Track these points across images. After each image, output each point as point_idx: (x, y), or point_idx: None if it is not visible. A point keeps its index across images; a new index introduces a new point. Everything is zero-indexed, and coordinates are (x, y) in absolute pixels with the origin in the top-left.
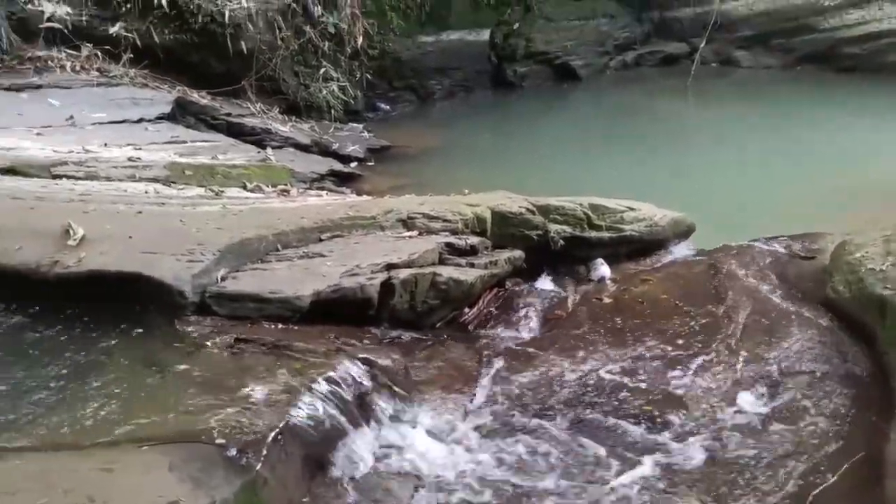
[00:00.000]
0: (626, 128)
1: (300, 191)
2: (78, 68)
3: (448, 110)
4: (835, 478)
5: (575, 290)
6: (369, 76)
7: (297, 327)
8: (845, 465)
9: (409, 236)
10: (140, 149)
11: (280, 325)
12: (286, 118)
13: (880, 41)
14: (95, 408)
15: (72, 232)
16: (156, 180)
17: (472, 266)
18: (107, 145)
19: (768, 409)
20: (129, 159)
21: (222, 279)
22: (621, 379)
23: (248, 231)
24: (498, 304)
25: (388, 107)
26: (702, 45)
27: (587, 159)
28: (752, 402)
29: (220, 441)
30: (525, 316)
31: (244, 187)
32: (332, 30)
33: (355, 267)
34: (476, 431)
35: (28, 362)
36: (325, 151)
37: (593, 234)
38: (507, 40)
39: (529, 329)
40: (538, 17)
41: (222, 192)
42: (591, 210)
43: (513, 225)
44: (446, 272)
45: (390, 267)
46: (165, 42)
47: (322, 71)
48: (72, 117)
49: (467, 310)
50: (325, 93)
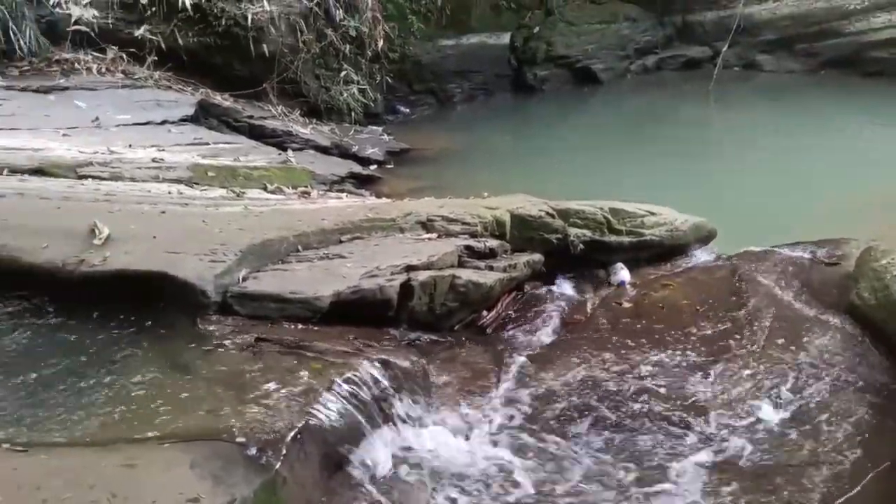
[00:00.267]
0: (646, 132)
1: (320, 193)
2: (104, 70)
3: (467, 114)
4: (859, 487)
5: (594, 295)
6: (389, 79)
7: (316, 328)
8: (870, 475)
9: (429, 239)
10: (164, 150)
11: (300, 326)
12: (307, 121)
13: None
14: (118, 405)
15: (97, 231)
16: (179, 181)
17: (490, 269)
18: (131, 146)
19: (791, 416)
20: (153, 160)
21: (244, 279)
22: (641, 384)
23: (270, 232)
24: (516, 308)
25: (407, 110)
26: (724, 48)
27: (607, 163)
28: (773, 409)
29: (240, 439)
30: (544, 319)
31: (265, 189)
32: (353, 33)
33: (375, 268)
34: (494, 434)
35: (52, 359)
36: (345, 154)
37: (613, 239)
38: (528, 44)
39: (548, 333)
40: (559, 20)
41: (244, 193)
42: (611, 214)
43: (532, 228)
44: (465, 275)
45: (409, 269)
46: (189, 45)
47: (343, 74)
48: (97, 119)
49: (485, 313)
50: (345, 95)
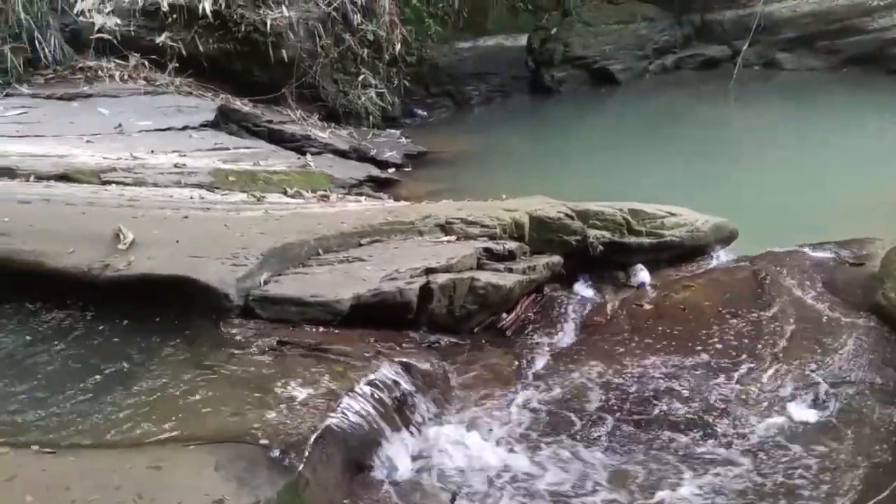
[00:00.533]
0: (666, 132)
1: (339, 196)
2: (126, 77)
3: (485, 116)
4: (887, 491)
5: (614, 296)
6: (407, 82)
7: (337, 331)
8: None
9: (448, 241)
10: (185, 155)
11: (321, 329)
12: (325, 125)
13: None
14: (144, 407)
15: (122, 236)
16: (200, 186)
17: (510, 271)
18: (153, 152)
19: (816, 418)
20: (175, 166)
21: (265, 283)
22: (663, 386)
23: (290, 236)
24: (536, 310)
25: (425, 113)
26: (744, 47)
27: (626, 164)
28: (799, 412)
29: (263, 442)
30: (563, 321)
31: (285, 193)
32: (370, 37)
33: (394, 271)
34: (514, 436)
35: (79, 362)
36: (364, 157)
37: (633, 240)
38: (545, 45)
39: (568, 335)
40: (576, 21)
41: (264, 197)
42: (630, 215)
43: (551, 230)
44: (485, 277)
45: (429, 271)
46: (209, 51)
47: (361, 78)
48: (120, 125)
49: (505, 315)
50: (363, 99)
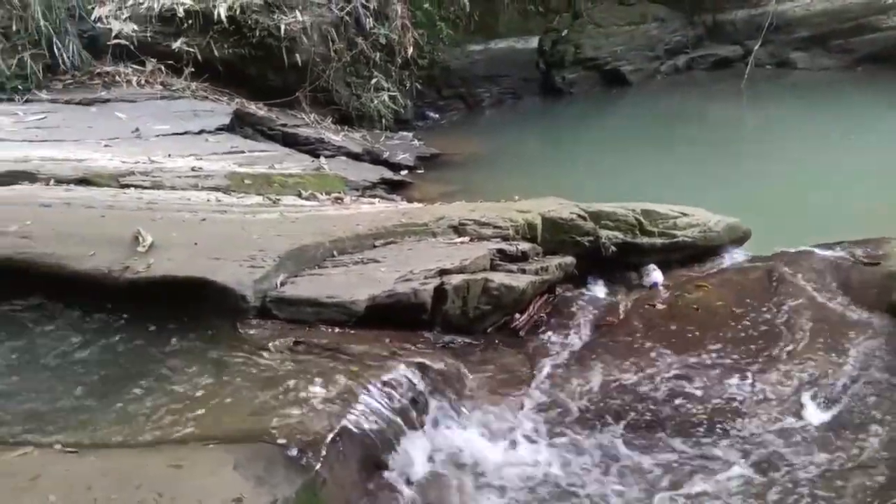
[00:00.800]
0: (678, 133)
1: (353, 198)
2: (143, 82)
3: (496, 118)
4: None
5: (627, 297)
6: (419, 85)
7: (352, 331)
8: None
9: (461, 242)
10: (201, 159)
11: (336, 329)
12: (338, 128)
13: None
14: (164, 407)
15: (141, 239)
16: (217, 189)
17: (523, 272)
18: (170, 156)
19: (831, 419)
20: (192, 169)
21: (282, 284)
22: (676, 386)
23: (306, 238)
24: (549, 310)
25: (437, 115)
26: (756, 47)
27: (638, 165)
28: (814, 412)
29: (281, 441)
30: (576, 322)
31: (300, 195)
32: (383, 41)
33: (409, 273)
34: (529, 436)
35: (99, 363)
36: (377, 160)
37: (645, 240)
38: (556, 47)
39: (581, 335)
40: (587, 23)
41: (279, 200)
42: (643, 216)
43: (564, 231)
44: (498, 278)
45: (443, 273)
46: (225, 56)
47: (373, 81)
48: (137, 129)
49: (518, 315)
50: (376, 102)
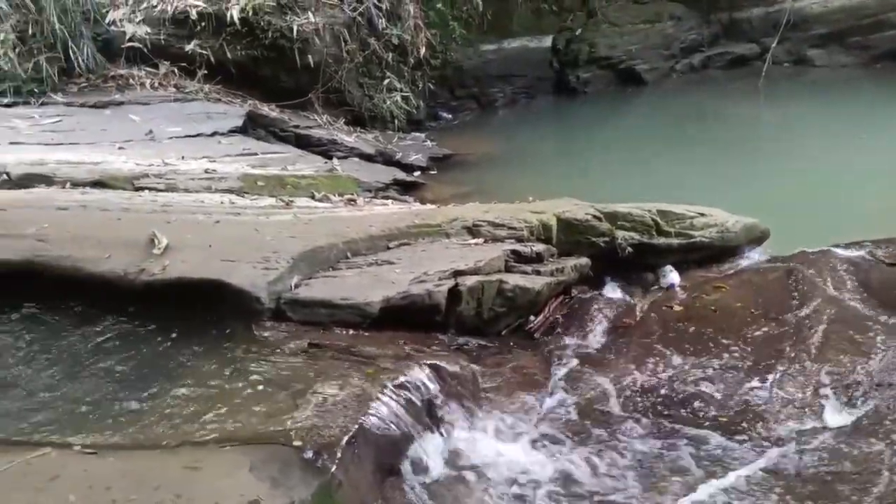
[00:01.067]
0: (694, 132)
1: (366, 200)
2: (156, 85)
3: (510, 118)
4: None
5: (643, 298)
6: (431, 86)
7: (367, 333)
8: None
9: (475, 244)
10: (214, 161)
11: (351, 331)
12: (351, 129)
13: None
14: (180, 408)
15: (156, 241)
16: (230, 191)
17: (538, 273)
18: (184, 158)
19: (853, 421)
20: (206, 171)
21: (296, 286)
22: (694, 389)
23: (320, 239)
24: (564, 312)
25: (449, 115)
26: (773, 44)
27: (654, 165)
28: (834, 415)
29: (297, 443)
30: (592, 324)
31: (313, 197)
32: (395, 41)
33: (423, 274)
34: (545, 439)
35: (116, 365)
36: (389, 161)
37: (662, 241)
38: (570, 46)
39: (597, 337)
40: (601, 21)
41: (292, 201)
42: (659, 216)
43: (579, 232)
44: (513, 279)
45: (457, 274)
46: (237, 58)
47: (386, 82)
48: (151, 132)
49: (533, 317)
50: (388, 103)
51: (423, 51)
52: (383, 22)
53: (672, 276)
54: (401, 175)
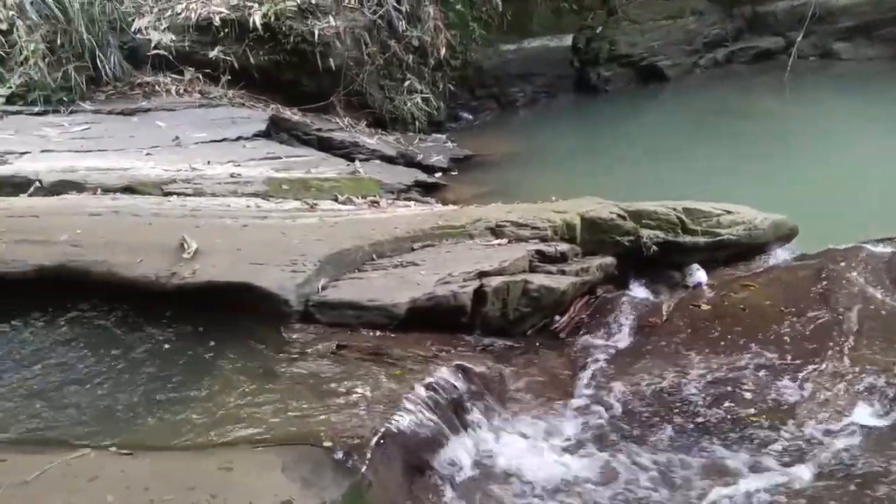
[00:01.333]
0: (718, 128)
1: (388, 202)
2: (181, 91)
3: (530, 117)
4: None
5: (669, 297)
6: (452, 87)
7: (393, 334)
8: None
9: (499, 244)
10: (239, 165)
11: (378, 333)
12: (372, 131)
13: None
14: (213, 410)
15: (186, 245)
16: (256, 195)
17: (563, 273)
18: (210, 163)
19: (885, 420)
20: (231, 176)
21: (323, 288)
22: (724, 388)
23: (345, 242)
24: (589, 312)
25: (470, 116)
26: (799, 38)
27: (678, 162)
28: (869, 414)
29: (327, 444)
30: (618, 323)
31: (336, 199)
32: (415, 43)
33: (448, 275)
34: (572, 441)
35: (149, 367)
36: (410, 162)
37: (688, 239)
38: (590, 44)
39: (623, 337)
40: (622, 19)
41: (317, 204)
42: (685, 214)
43: (603, 231)
44: (537, 280)
45: (482, 275)
46: (260, 63)
47: (406, 84)
48: (177, 138)
49: (558, 317)
50: (409, 105)
51: (443, 52)
52: (403, 24)
53: (699, 274)
54: (422, 176)
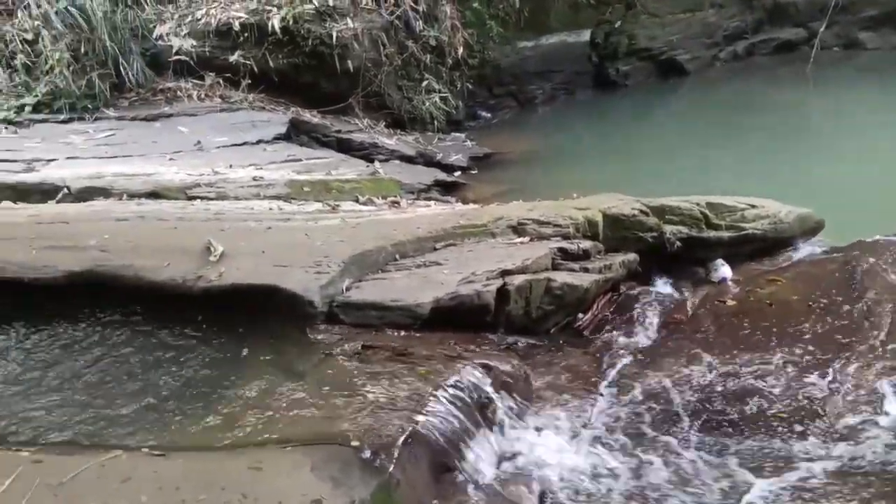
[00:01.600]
0: (740, 122)
1: (409, 202)
2: (203, 96)
3: (549, 114)
4: None
5: (694, 293)
6: (470, 85)
7: (418, 334)
8: None
9: (521, 242)
10: (261, 168)
11: (402, 333)
12: (391, 131)
13: None
14: (241, 410)
15: (212, 249)
16: (278, 197)
17: (586, 271)
18: (232, 167)
19: None
20: (253, 179)
21: (347, 289)
22: (752, 385)
23: (368, 242)
24: (613, 309)
25: (488, 114)
26: (821, 28)
27: (699, 157)
28: None
29: (355, 443)
30: (642, 320)
31: (357, 200)
32: (433, 43)
33: (471, 274)
34: (598, 439)
35: (179, 370)
36: (430, 162)
37: (712, 234)
38: (609, 39)
39: (648, 334)
40: (640, 12)
41: (338, 206)
42: (708, 209)
43: (625, 227)
44: (560, 277)
45: (505, 273)
46: (279, 66)
47: (424, 84)
48: (199, 142)
49: (581, 315)
50: (427, 105)
51: (460, 51)
52: (420, 24)
53: (723, 269)
54: (442, 176)
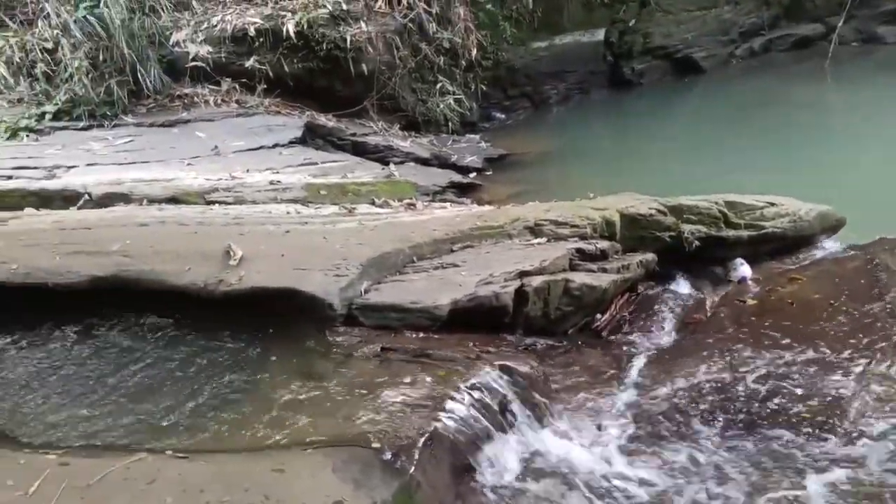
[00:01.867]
0: (757, 119)
1: (424, 204)
2: (219, 102)
3: (564, 114)
4: None
5: (713, 292)
6: (484, 87)
7: (436, 336)
8: None
9: (538, 243)
10: (278, 172)
11: (421, 334)
12: (406, 134)
13: None
14: (263, 413)
15: (232, 253)
16: (295, 201)
17: (604, 271)
18: (248, 171)
19: None
20: (270, 183)
21: (366, 291)
22: (774, 385)
23: (386, 245)
24: (631, 309)
25: (503, 115)
26: (840, 23)
27: (717, 155)
28: None
29: (375, 445)
30: (661, 320)
31: (373, 203)
32: (446, 45)
33: (489, 276)
34: (619, 440)
35: (201, 373)
36: (445, 164)
37: (731, 233)
38: (623, 38)
39: (667, 334)
40: (655, 10)
41: (355, 208)
42: (727, 208)
43: (643, 227)
44: (579, 278)
45: (523, 274)
46: (294, 71)
47: (438, 86)
48: (216, 147)
49: (599, 315)
50: (441, 107)
51: (474, 52)
52: (434, 26)
53: (743, 269)
54: (457, 177)
